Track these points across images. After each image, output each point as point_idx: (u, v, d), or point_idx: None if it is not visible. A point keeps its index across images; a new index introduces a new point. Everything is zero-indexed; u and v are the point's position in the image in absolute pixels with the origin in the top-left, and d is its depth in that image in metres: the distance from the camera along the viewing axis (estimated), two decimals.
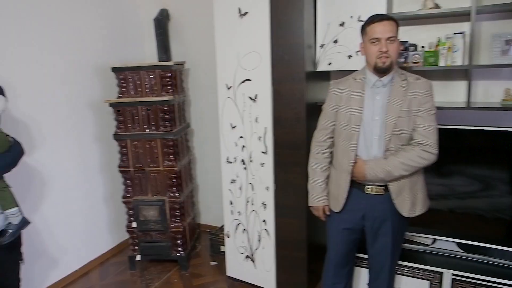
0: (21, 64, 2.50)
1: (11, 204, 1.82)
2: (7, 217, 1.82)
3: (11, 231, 1.82)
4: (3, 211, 1.81)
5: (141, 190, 2.93)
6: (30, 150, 2.56)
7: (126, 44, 3.38)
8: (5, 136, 1.83)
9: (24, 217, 1.89)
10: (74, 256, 2.98)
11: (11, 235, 1.81)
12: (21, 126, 2.51)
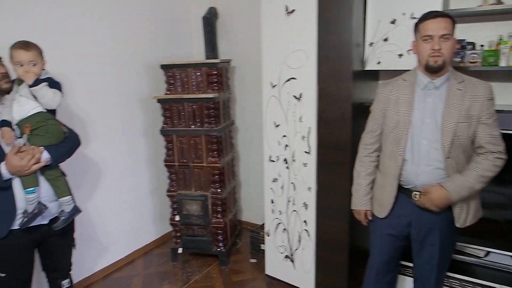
0: (78, 61, 2.64)
1: (65, 192, 1.93)
2: (61, 204, 1.93)
3: (63, 218, 1.92)
4: (57, 198, 1.92)
5: (185, 185, 3.01)
6: (86, 142, 2.70)
7: (175, 42, 3.47)
8: (60, 128, 1.94)
9: (76, 206, 1.99)
10: (121, 244, 3.12)
11: (63, 222, 1.92)
12: (77, 120, 2.66)
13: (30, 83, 1.77)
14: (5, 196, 1.78)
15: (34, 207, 1.79)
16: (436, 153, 1.68)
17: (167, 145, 2.98)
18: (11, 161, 1.71)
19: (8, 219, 1.79)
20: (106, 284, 2.88)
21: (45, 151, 1.81)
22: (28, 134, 1.79)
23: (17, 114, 1.79)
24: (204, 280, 2.85)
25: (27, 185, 1.79)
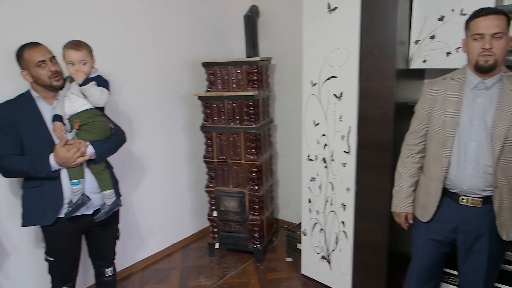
0: (125, 59, 2.75)
1: (108, 186, 2.02)
2: (103, 197, 2.02)
3: (104, 211, 2.01)
4: (101, 191, 2.02)
5: (223, 181, 3.05)
6: (132, 138, 2.81)
7: (216, 40, 3.52)
8: (107, 124, 2.03)
9: (117, 199, 2.08)
10: (161, 237, 3.22)
11: (104, 214, 2.01)
12: (124, 116, 2.76)
13: (80, 82, 1.87)
14: (54, 186, 1.90)
15: (78, 198, 1.90)
16: (484, 157, 1.59)
17: (207, 142, 3.04)
18: (58, 152, 1.82)
19: (55, 207, 1.90)
20: (146, 275, 2.98)
21: (90, 145, 1.91)
22: (77, 129, 1.90)
23: (68, 109, 1.90)
24: (239, 276, 2.88)
25: (73, 177, 1.89)
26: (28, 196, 1.94)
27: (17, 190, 2.21)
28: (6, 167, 1.85)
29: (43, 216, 1.90)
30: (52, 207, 1.91)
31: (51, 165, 1.84)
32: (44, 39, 2.00)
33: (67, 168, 1.89)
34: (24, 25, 2.19)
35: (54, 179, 1.90)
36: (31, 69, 1.90)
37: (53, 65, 1.93)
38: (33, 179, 1.90)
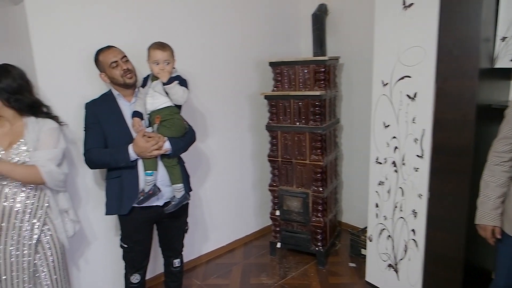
0: (196, 59, 2.85)
1: (178, 180, 2.12)
2: (173, 190, 2.12)
3: (174, 203, 2.11)
4: (171, 184, 2.12)
5: (286, 181, 3.04)
6: (201, 135, 2.92)
7: (283, 39, 3.52)
8: (183, 123, 2.14)
9: (186, 193, 2.17)
10: (224, 232, 3.30)
11: (173, 207, 2.11)
12: (195, 114, 2.87)
13: (165, 81, 1.99)
14: (131, 177, 2.03)
15: (150, 188, 2.01)
16: None
17: (272, 141, 3.05)
18: (138, 142, 1.95)
19: (131, 198, 2.03)
20: (209, 268, 3.07)
21: (167, 141, 2.02)
22: (158, 124, 2.01)
23: (150, 106, 2.03)
24: (300, 278, 2.86)
25: (147, 168, 2.01)
26: (109, 186, 2.10)
27: (100, 181, 2.41)
28: (92, 159, 2.03)
29: (121, 206, 2.05)
30: (128, 198, 2.04)
31: (130, 154, 1.97)
32: (122, 42, 2.15)
33: (143, 159, 2.01)
34: (102, 30, 2.35)
35: (131, 171, 2.03)
36: (107, 70, 2.06)
37: (125, 63, 2.08)
38: (114, 170, 2.05)
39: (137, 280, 2.18)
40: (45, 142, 1.81)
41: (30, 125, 1.81)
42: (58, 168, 1.81)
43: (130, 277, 2.17)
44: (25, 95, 1.81)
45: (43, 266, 1.84)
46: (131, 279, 2.17)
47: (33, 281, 1.81)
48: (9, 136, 1.80)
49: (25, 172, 1.73)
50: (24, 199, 1.78)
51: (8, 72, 1.78)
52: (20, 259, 1.78)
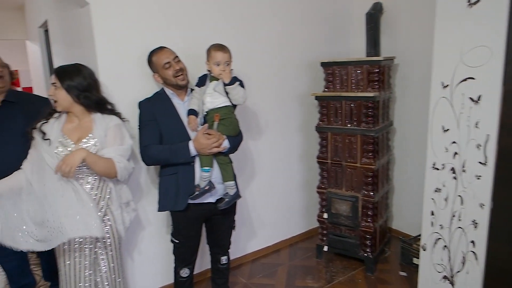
0: (247, 59, 2.86)
1: (230, 177, 2.16)
2: (226, 188, 2.16)
3: (227, 200, 2.15)
4: (224, 182, 2.15)
5: (335, 183, 2.98)
6: (250, 134, 2.94)
7: (335, 38, 3.45)
8: (237, 122, 2.17)
9: (238, 191, 2.20)
10: (270, 232, 3.29)
11: (227, 203, 2.15)
12: (244, 113, 2.88)
13: (227, 82, 2.03)
14: (187, 173, 2.09)
15: (206, 184, 2.06)
16: None
17: (321, 142, 3.00)
18: (199, 138, 2.01)
19: (187, 192, 2.09)
20: (255, 267, 3.09)
21: (226, 139, 2.06)
22: (217, 122, 2.06)
23: (210, 104, 2.07)
24: (347, 283, 2.79)
25: (205, 164, 2.07)
26: (164, 183, 2.17)
27: (151, 178, 2.50)
28: (151, 155, 2.09)
29: (177, 202, 2.10)
30: (184, 194, 2.10)
31: (190, 150, 2.03)
32: (175, 43, 2.22)
33: (200, 156, 2.06)
34: (157, 30, 2.43)
35: (188, 167, 2.09)
36: (160, 71, 2.13)
37: (177, 64, 2.14)
38: (169, 166, 2.11)
39: (186, 274, 2.24)
40: (113, 138, 1.94)
41: (97, 121, 1.94)
42: (128, 163, 1.95)
43: (180, 271, 2.23)
44: (93, 93, 1.94)
45: (102, 255, 1.95)
46: (181, 273, 2.23)
47: (93, 268, 1.93)
48: (78, 131, 1.92)
49: (105, 165, 1.87)
50: (88, 190, 1.90)
51: (79, 71, 1.92)
52: (82, 246, 1.90)
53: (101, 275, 1.96)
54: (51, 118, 1.94)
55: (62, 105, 1.89)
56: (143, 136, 2.12)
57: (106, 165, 1.87)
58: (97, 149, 1.89)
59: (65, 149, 1.86)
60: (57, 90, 1.88)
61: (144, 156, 2.11)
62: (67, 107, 1.91)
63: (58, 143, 1.87)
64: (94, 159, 1.83)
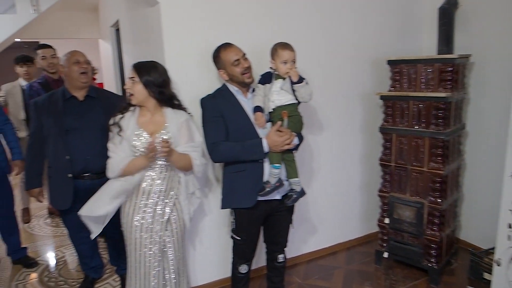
0: (311, 57, 2.81)
1: (295, 174, 2.15)
2: (292, 184, 2.15)
3: (295, 197, 2.15)
4: (288, 179, 2.14)
5: (399, 188, 2.84)
6: (310, 132, 2.89)
7: (404, 35, 3.27)
8: (302, 119, 2.15)
9: (303, 188, 2.18)
10: (327, 234, 3.22)
11: (293, 200, 2.15)
12: (309, 112, 2.82)
13: (296, 80, 2.02)
14: (256, 170, 2.10)
15: (276, 181, 2.06)
16: None
17: (385, 144, 2.87)
18: (272, 136, 2.01)
19: (256, 191, 2.09)
20: (310, 268, 3.03)
21: (296, 137, 2.07)
22: (287, 119, 2.05)
23: (278, 101, 2.07)
24: None
25: (275, 161, 2.07)
26: (230, 180, 2.17)
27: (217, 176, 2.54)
28: (220, 152, 2.10)
29: (244, 199, 2.11)
30: (252, 191, 2.10)
31: (264, 148, 2.04)
32: (241, 40, 2.23)
33: (271, 153, 2.06)
34: (218, 28, 2.47)
35: (257, 164, 2.10)
36: (227, 68, 2.14)
37: (245, 62, 2.14)
38: (237, 163, 2.11)
39: (245, 270, 2.26)
40: (185, 133, 2.05)
41: (169, 115, 2.04)
42: (203, 160, 2.07)
43: (239, 267, 2.25)
44: (167, 89, 2.04)
45: (170, 243, 2.05)
46: (239, 269, 2.25)
47: (161, 255, 2.03)
48: (151, 124, 2.02)
49: (185, 162, 2.02)
50: (161, 181, 2.02)
51: (156, 67, 2.02)
52: (153, 233, 2.00)
53: (169, 262, 2.06)
54: (127, 112, 2.05)
55: (138, 98, 2.00)
56: (211, 133, 2.12)
57: (185, 161, 2.02)
58: (170, 144, 1.96)
59: (141, 142, 1.96)
60: (135, 84, 1.98)
61: (213, 153, 2.11)
62: (141, 101, 2.01)
63: (135, 136, 1.98)
64: (177, 156, 1.98)
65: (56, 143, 2.32)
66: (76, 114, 2.35)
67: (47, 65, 3.55)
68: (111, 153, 2.02)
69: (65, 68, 2.34)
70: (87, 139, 2.32)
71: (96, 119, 2.33)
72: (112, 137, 2.04)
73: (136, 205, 2.01)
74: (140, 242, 2.00)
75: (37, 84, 3.43)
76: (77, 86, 2.36)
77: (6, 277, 3.00)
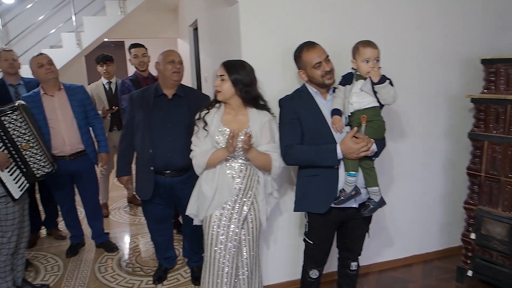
0: (393, 55, 2.62)
1: (374, 183, 2.03)
2: (370, 193, 2.04)
3: (372, 207, 2.04)
4: (367, 187, 2.04)
5: (489, 201, 2.56)
6: (394, 137, 2.73)
7: (501, 30, 2.92)
8: (384, 124, 2.02)
9: (382, 197, 2.05)
10: (402, 244, 3.03)
11: (371, 210, 2.04)
12: (389, 115, 2.64)
13: (376, 80, 1.91)
14: (331, 176, 2.02)
15: (352, 189, 1.97)
16: None
17: (474, 151, 2.61)
18: (347, 143, 1.92)
19: (330, 196, 2.02)
20: (382, 279, 2.88)
21: (374, 143, 1.95)
22: (364, 124, 1.94)
23: (357, 105, 1.97)
24: None
25: (351, 168, 1.97)
26: (304, 183, 2.13)
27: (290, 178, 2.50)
28: (294, 155, 2.05)
29: (317, 204, 2.05)
30: (326, 197, 2.03)
31: (338, 154, 1.96)
32: (321, 39, 2.14)
33: (345, 159, 1.97)
34: (299, 27, 2.41)
35: (332, 170, 2.01)
36: (307, 69, 2.06)
37: (327, 64, 2.04)
38: (312, 168, 2.06)
39: (315, 275, 2.20)
40: (267, 134, 2.04)
41: (252, 115, 2.05)
42: (282, 162, 2.06)
43: (309, 271, 2.20)
44: (253, 88, 2.05)
45: (245, 241, 2.07)
46: (310, 273, 2.20)
47: (236, 252, 2.05)
48: (235, 122, 2.04)
49: (264, 161, 2.03)
50: (240, 180, 2.03)
51: (244, 66, 2.05)
52: (229, 231, 2.03)
53: (242, 260, 2.08)
54: (212, 108, 2.09)
55: (225, 96, 2.03)
56: (285, 135, 2.08)
57: (264, 161, 2.02)
58: (253, 142, 1.99)
59: (224, 138, 2.00)
60: (224, 82, 2.01)
61: (286, 156, 2.07)
62: (227, 98, 2.04)
63: (218, 133, 2.02)
64: (255, 154, 1.99)
65: (143, 136, 2.46)
66: (163, 111, 2.47)
67: (138, 64, 3.77)
68: (194, 147, 2.09)
69: (160, 66, 2.47)
70: (170, 137, 2.42)
71: (180, 118, 2.41)
72: (197, 131, 2.10)
73: None
74: (216, 238, 2.03)
75: (128, 81, 3.68)
76: (169, 84, 2.47)
77: (91, 259, 3.26)
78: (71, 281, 2.93)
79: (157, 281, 2.85)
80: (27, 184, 2.46)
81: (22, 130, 2.38)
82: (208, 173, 2.06)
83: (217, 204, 2.03)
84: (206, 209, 2.04)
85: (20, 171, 2.41)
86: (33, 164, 2.49)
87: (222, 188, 2.02)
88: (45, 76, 2.89)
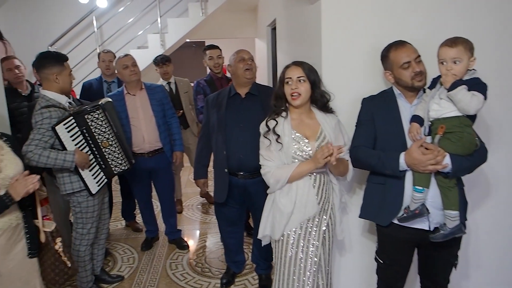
0: (490, 55, 2.26)
1: (453, 205, 1.73)
2: (445, 216, 1.75)
3: (444, 233, 1.75)
4: (443, 209, 1.76)
5: None
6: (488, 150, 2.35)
7: None
8: (474, 139, 1.73)
9: (461, 224, 1.75)
10: (489, 274, 2.56)
11: (442, 236, 1.75)
12: (481, 124, 2.31)
13: (447, 87, 1.65)
14: (396, 188, 1.82)
15: (417, 207, 1.73)
16: None
17: None
18: (412, 152, 1.71)
19: (392, 210, 1.82)
20: None
21: (448, 157, 1.67)
22: (440, 135, 1.70)
23: (435, 113, 1.73)
24: None
25: (418, 183, 1.74)
26: (370, 190, 1.97)
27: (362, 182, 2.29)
28: (358, 157, 1.91)
29: (379, 215, 1.89)
30: (389, 209, 1.85)
31: (400, 164, 1.75)
32: (410, 37, 1.91)
33: (414, 172, 1.75)
34: (390, 25, 2.17)
35: (398, 181, 1.81)
36: (394, 70, 1.86)
37: (417, 65, 1.81)
38: (378, 174, 1.89)
39: None
40: (340, 137, 1.93)
41: (321, 119, 1.93)
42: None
43: None
44: (319, 88, 1.94)
45: (323, 255, 1.92)
46: None
47: (317, 266, 1.90)
48: (305, 127, 1.93)
49: (343, 166, 1.91)
50: (317, 190, 1.89)
51: (312, 66, 1.95)
52: (310, 245, 1.89)
53: (322, 276, 1.93)
54: (279, 117, 1.95)
55: (304, 99, 1.92)
56: (356, 136, 1.96)
57: (343, 166, 1.90)
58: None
59: (300, 146, 1.88)
60: (302, 84, 1.90)
61: (351, 157, 1.94)
62: (305, 102, 1.93)
63: (293, 141, 1.90)
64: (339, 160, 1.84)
65: (218, 138, 2.44)
66: (236, 111, 2.42)
67: (213, 65, 3.81)
68: (265, 161, 1.94)
69: (232, 67, 2.45)
70: (242, 137, 2.36)
71: (254, 117, 2.28)
72: (267, 144, 1.95)
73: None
74: (295, 256, 1.88)
75: (203, 82, 3.75)
76: (242, 82, 2.43)
77: (163, 254, 3.35)
78: (144, 275, 3.03)
79: (225, 285, 2.82)
80: (105, 180, 2.58)
81: (103, 128, 2.49)
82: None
83: (297, 219, 1.88)
84: (283, 226, 1.88)
85: (99, 167, 2.53)
86: (111, 161, 2.59)
87: (302, 201, 1.87)
88: (129, 77, 3.03)
